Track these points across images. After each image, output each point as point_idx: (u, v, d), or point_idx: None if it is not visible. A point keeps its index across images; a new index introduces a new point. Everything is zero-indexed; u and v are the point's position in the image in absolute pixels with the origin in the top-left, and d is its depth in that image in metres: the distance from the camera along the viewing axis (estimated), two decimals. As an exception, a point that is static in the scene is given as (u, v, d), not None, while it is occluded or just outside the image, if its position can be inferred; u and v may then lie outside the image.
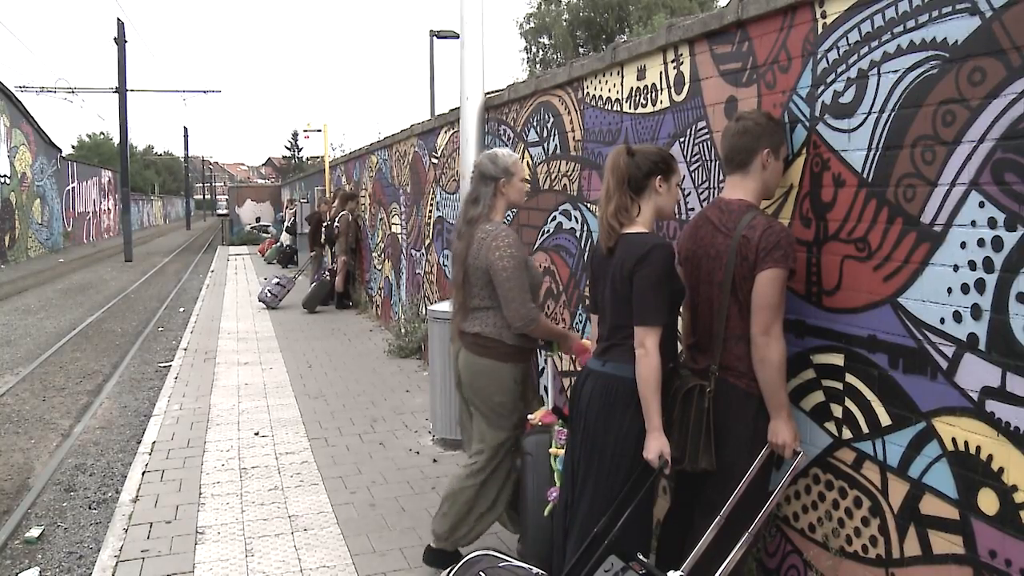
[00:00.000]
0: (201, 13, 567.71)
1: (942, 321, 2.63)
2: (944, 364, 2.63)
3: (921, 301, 2.71)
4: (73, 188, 41.09)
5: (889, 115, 2.83)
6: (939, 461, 2.67)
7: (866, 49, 2.93)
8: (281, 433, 6.86)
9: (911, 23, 2.73)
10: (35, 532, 5.41)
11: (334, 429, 6.96)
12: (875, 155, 2.90)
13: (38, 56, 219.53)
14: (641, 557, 2.99)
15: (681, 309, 3.47)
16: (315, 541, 4.71)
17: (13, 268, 27.09)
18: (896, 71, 2.80)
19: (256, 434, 6.84)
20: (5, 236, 29.01)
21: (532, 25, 43.33)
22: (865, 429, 2.99)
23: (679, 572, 2.93)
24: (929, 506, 2.72)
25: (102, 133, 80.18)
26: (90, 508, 5.91)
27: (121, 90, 30.65)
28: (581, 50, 40.00)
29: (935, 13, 2.63)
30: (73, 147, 74.59)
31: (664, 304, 3.21)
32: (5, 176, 29.45)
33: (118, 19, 29.99)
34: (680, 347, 3.59)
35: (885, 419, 2.89)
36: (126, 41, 30.15)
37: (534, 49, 43.58)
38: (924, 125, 2.68)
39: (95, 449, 7.22)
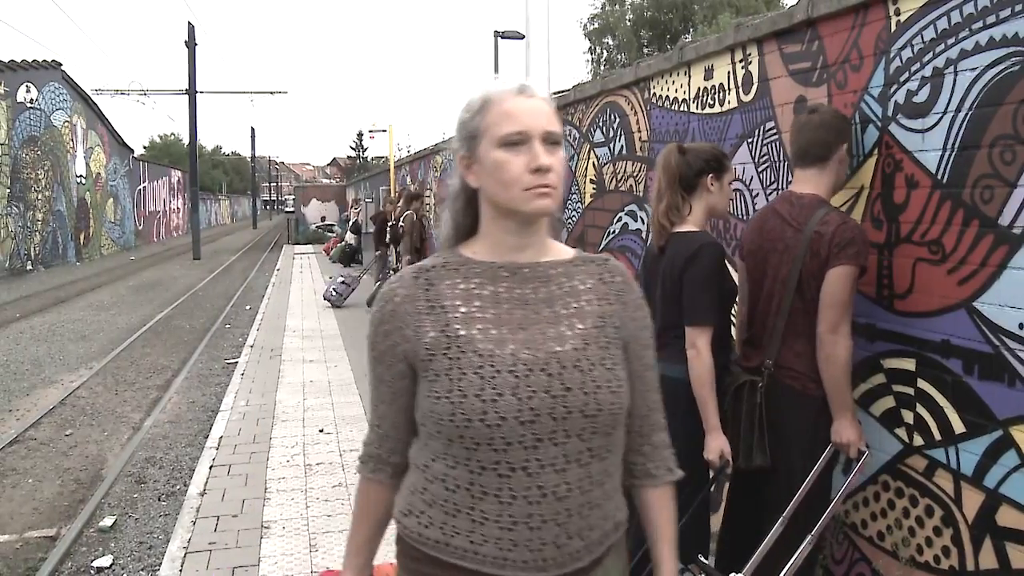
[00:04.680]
0: (268, 15, 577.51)
1: (1021, 327, 2.55)
2: (1023, 371, 2.56)
3: (998, 306, 2.64)
4: (144, 188, 42.13)
5: (966, 114, 2.76)
6: (1018, 471, 2.59)
7: (942, 47, 2.86)
8: (345, 430, 6.93)
9: (990, 19, 2.66)
10: (108, 521, 5.55)
11: (397, 427, 7.00)
12: (950, 155, 2.83)
13: (113, 60, 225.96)
14: (701, 558, 2.96)
15: (737, 303, 3.42)
16: (378, 538, 4.75)
17: (87, 265, 27.86)
18: (974, 69, 2.73)
19: (321, 431, 6.93)
20: (81, 234, 29.85)
21: (596, 26, 43.15)
22: (937, 436, 2.92)
23: (740, 574, 2.89)
24: (1007, 518, 2.64)
25: (172, 134, 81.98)
26: (160, 500, 6.04)
27: (191, 92, 31.33)
28: (645, 50, 39.71)
29: (1017, 8, 2.56)
30: (144, 148, 76.34)
31: (715, 303, 3.17)
32: (81, 176, 30.31)
33: (189, 23, 30.68)
34: (734, 345, 3.54)
35: (959, 426, 2.82)
36: (196, 44, 30.81)
37: (598, 50, 43.38)
38: (1004, 124, 2.61)
39: (164, 443, 7.38)
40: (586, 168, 6.43)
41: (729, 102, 4.35)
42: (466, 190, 1.69)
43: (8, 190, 23.05)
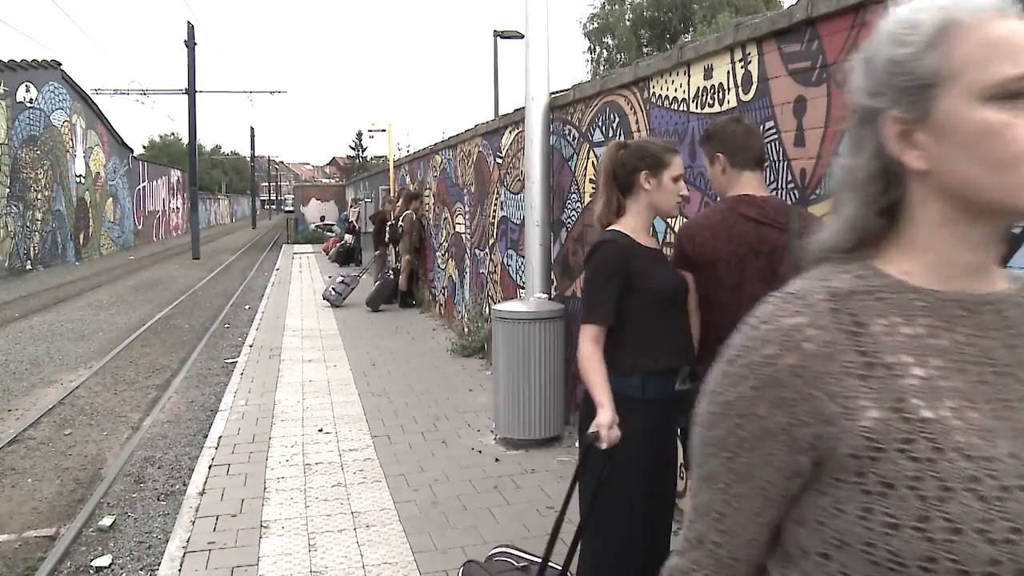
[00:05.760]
0: (268, 15, 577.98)
1: (1020, 326, 2.55)
2: (1022, 370, 2.55)
3: (998, 305, 2.63)
4: (143, 187, 42.13)
5: (966, 114, 2.75)
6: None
7: (942, 46, 2.86)
8: (345, 430, 6.93)
9: (990, 19, 2.65)
10: (107, 521, 5.55)
11: (397, 427, 7.01)
12: (951, 155, 2.82)
13: (112, 59, 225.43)
14: None
15: (693, 311, 3.24)
16: (377, 538, 4.75)
17: (87, 265, 27.86)
18: (974, 69, 2.72)
19: (320, 431, 6.93)
20: (80, 234, 29.85)
21: (595, 25, 43.16)
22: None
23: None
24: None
25: (172, 133, 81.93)
26: (159, 500, 6.04)
27: (190, 91, 31.32)
28: (645, 50, 39.72)
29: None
30: (144, 147, 76.23)
31: (606, 301, 3.08)
32: (81, 176, 30.31)
33: (188, 22, 30.66)
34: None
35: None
36: (195, 44, 30.80)
37: (597, 49, 43.39)
38: (1003, 124, 2.60)
39: (163, 442, 7.38)
40: (585, 168, 6.43)
41: (728, 102, 4.35)
42: (890, 174, 1.02)
43: (8, 190, 23.06)
